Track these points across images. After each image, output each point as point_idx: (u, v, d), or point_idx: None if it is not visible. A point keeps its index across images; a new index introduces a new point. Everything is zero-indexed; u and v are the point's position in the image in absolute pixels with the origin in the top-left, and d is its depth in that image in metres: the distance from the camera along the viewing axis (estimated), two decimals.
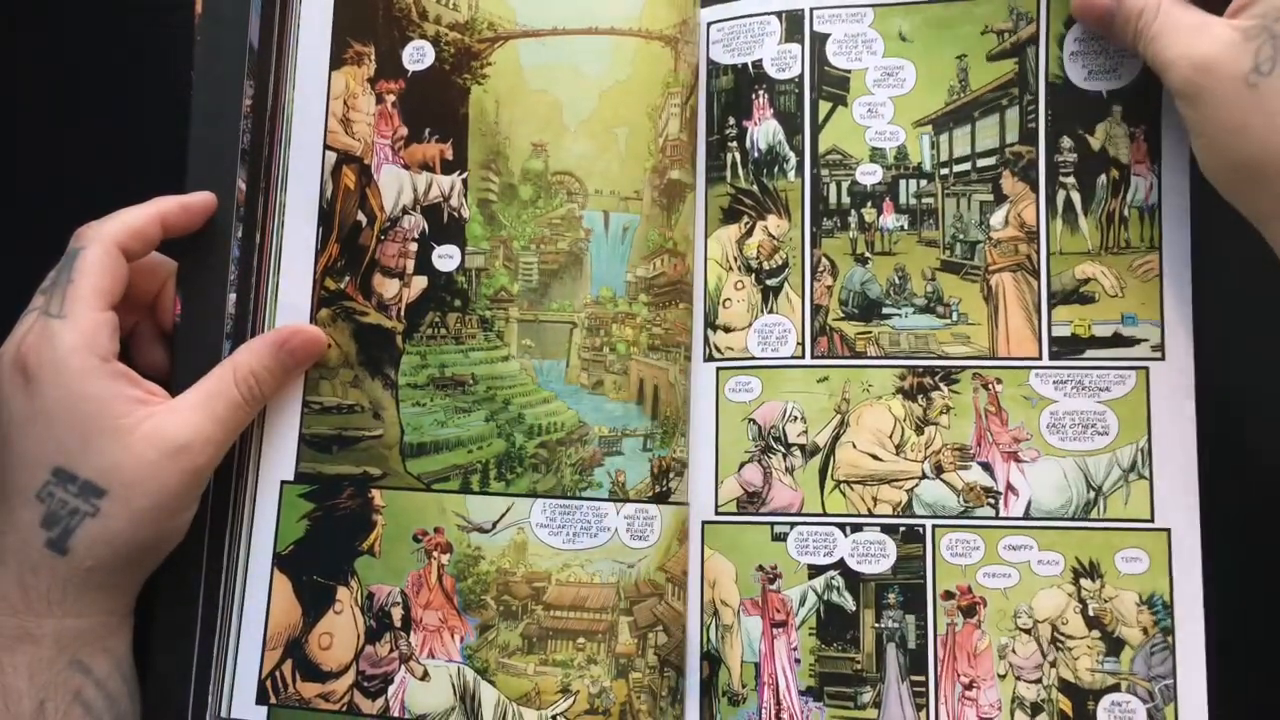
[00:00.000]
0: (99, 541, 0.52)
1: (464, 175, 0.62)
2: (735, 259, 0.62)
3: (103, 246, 0.55)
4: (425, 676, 0.58)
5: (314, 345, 0.60)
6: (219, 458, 0.56)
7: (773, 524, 0.60)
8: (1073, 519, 0.58)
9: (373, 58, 0.63)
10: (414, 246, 0.62)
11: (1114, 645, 0.57)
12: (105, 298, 0.54)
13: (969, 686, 0.57)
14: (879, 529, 0.59)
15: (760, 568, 0.59)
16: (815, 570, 0.59)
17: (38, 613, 0.51)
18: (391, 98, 0.62)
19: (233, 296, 0.60)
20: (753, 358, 0.61)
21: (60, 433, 0.52)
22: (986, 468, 0.59)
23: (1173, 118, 0.59)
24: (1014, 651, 0.57)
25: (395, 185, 0.62)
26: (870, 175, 0.61)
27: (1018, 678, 0.57)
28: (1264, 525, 0.55)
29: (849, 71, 0.62)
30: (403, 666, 0.58)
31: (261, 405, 0.59)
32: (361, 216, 0.62)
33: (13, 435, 0.52)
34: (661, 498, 0.59)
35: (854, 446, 0.60)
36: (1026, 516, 0.58)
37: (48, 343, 0.52)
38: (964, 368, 0.60)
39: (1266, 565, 0.60)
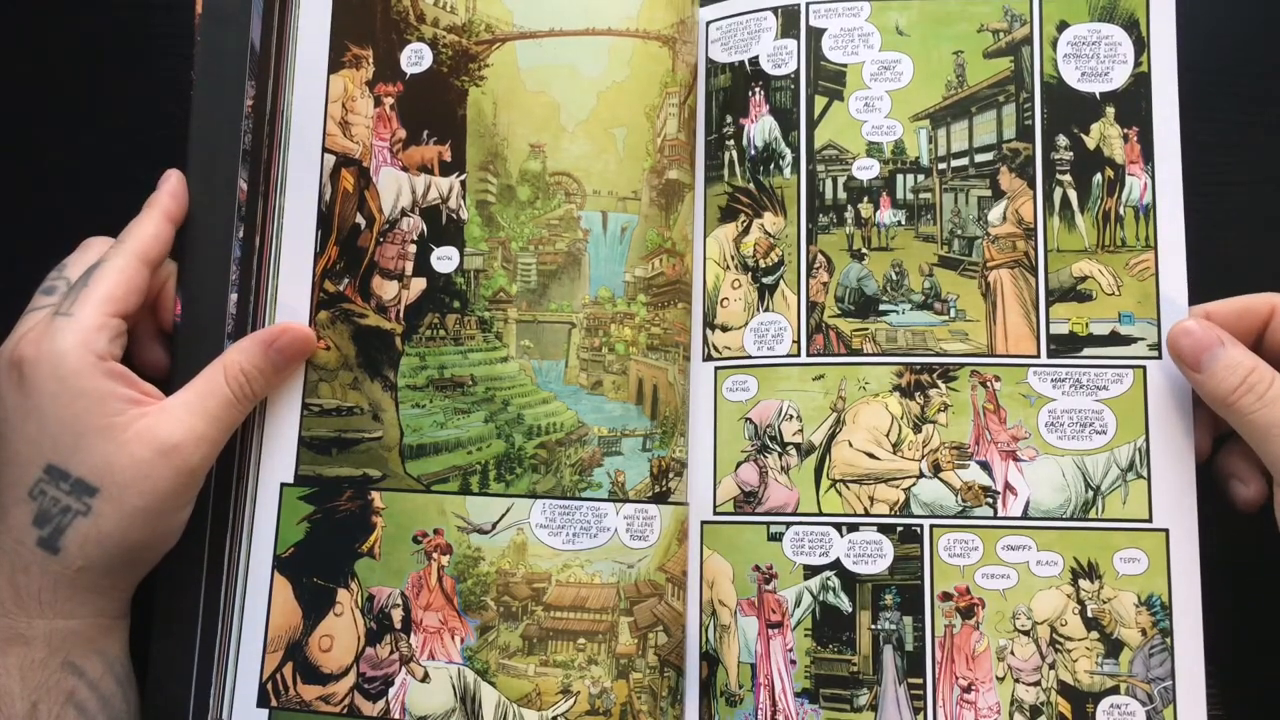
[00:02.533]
0: (90, 541, 0.52)
1: (462, 177, 0.62)
2: (733, 258, 0.62)
3: (124, 257, 0.56)
4: (426, 678, 0.58)
5: (302, 343, 0.60)
6: (213, 457, 0.56)
7: (768, 524, 0.59)
8: (1071, 519, 0.57)
9: (371, 61, 0.63)
10: (413, 248, 0.62)
11: (1113, 647, 0.56)
12: (116, 304, 0.55)
13: (967, 689, 0.57)
14: (875, 529, 0.58)
15: (756, 568, 0.59)
16: (811, 570, 0.58)
17: (29, 613, 0.52)
18: (390, 100, 0.62)
19: (234, 297, 0.60)
20: (749, 356, 0.61)
21: (54, 430, 0.52)
22: (985, 467, 0.58)
23: (1165, 122, 0.59)
24: (1013, 653, 0.57)
25: (394, 187, 0.62)
26: (867, 170, 0.61)
27: (1016, 680, 0.57)
28: (1261, 526, 0.54)
29: (845, 66, 0.62)
30: (403, 668, 0.58)
31: (254, 403, 0.59)
32: (360, 219, 0.62)
33: (6, 432, 0.53)
34: (661, 498, 0.59)
35: (850, 445, 0.59)
36: (1025, 516, 0.57)
37: (47, 340, 0.53)
38: (962, 365, 0.59)
39: (1264, 566, 0.60)
